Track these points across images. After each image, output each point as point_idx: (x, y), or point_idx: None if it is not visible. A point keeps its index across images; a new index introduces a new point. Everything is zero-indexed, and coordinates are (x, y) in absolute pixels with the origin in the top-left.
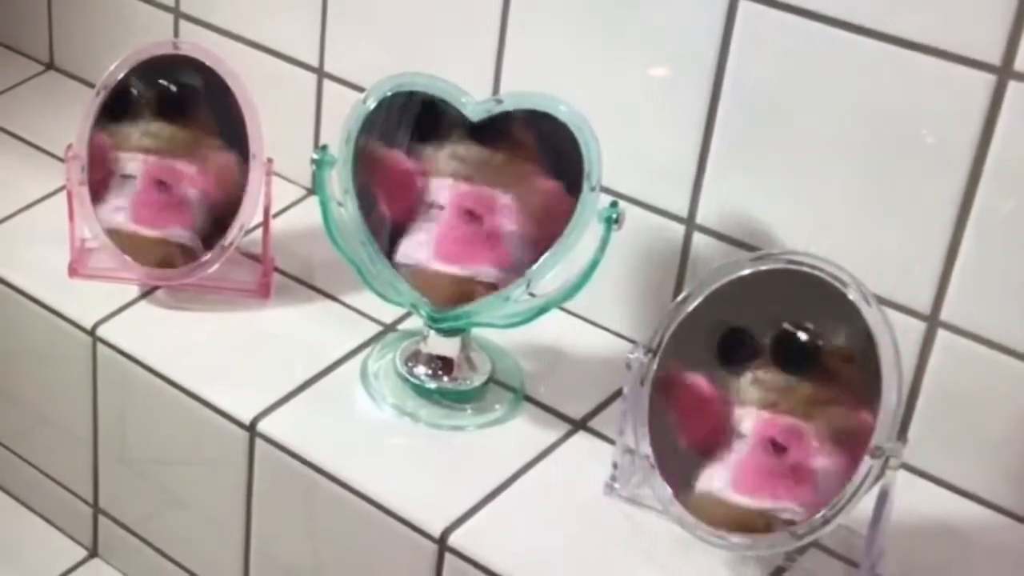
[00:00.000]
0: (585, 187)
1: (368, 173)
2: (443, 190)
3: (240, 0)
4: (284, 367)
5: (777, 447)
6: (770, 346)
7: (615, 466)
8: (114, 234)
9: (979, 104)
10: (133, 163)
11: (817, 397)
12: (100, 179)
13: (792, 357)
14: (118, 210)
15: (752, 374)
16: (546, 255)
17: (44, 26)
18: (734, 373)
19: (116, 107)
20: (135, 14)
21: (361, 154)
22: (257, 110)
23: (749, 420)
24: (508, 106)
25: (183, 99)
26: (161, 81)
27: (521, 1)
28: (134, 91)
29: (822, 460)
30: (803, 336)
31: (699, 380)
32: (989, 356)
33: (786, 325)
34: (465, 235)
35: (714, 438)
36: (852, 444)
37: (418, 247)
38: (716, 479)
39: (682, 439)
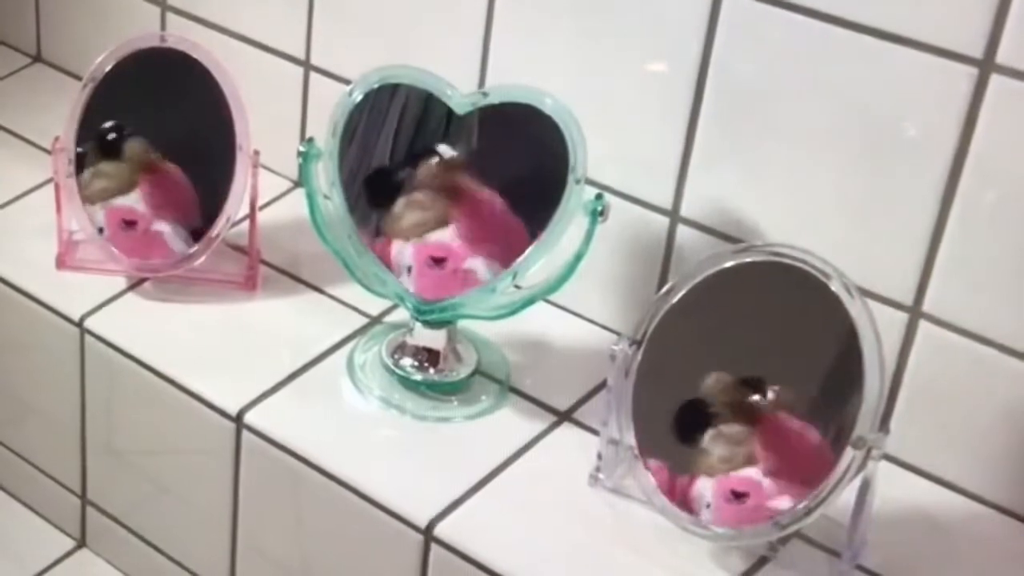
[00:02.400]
0: (570, 179)
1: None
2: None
3: None
4: (271, 359)
5: (738, 495)
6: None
7: (600, 457)
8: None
9: (961, 97)
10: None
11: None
12: None
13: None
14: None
15: (714, 430)
16: (531, 247)
17: (31, 18)
18: (693, 443)
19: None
20: (122, 7)
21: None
22: (244, 103)
23: (708, 487)
24: (493, 99)
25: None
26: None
27: None
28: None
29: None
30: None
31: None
32: (971, 347)
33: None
34: (438, 279)
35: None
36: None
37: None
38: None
39: None
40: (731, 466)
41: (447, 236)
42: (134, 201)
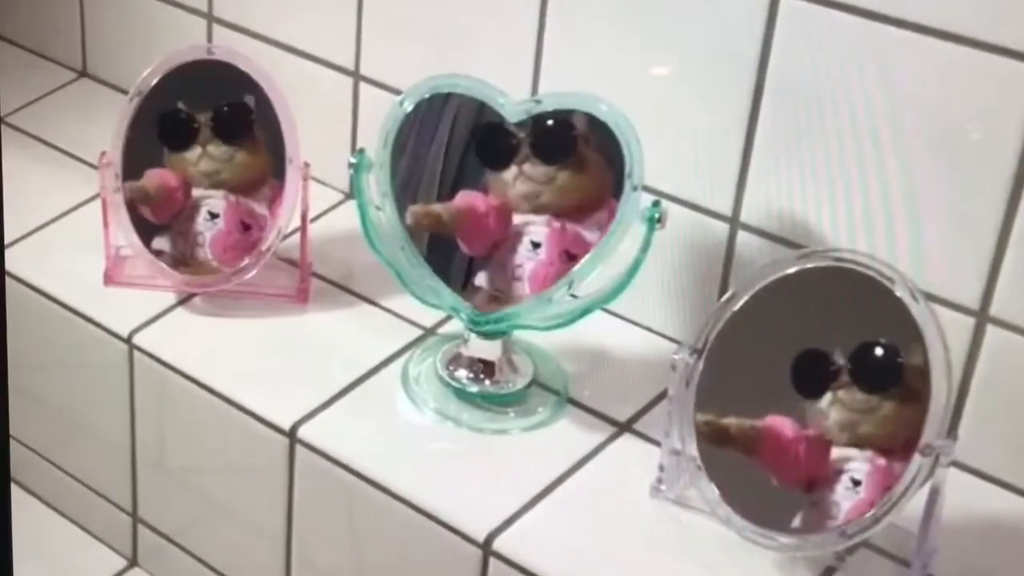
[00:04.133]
0: (627, 186)
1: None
2: (538, 227)
3: (274, 3)
4: (324, 372)
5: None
6: (849, 365)
7: (661, 468)
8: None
9: None
10: (213, 200)
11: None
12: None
13: (873, 375)
14: (197, 246)
15: (832, 395)
16: (588, 256)
17: (77, 33)
18: (812, 399)
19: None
20: (168, 19)
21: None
22: (293, 114)
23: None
24: (547, 106)
25: (238, 118)
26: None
27: (559, 0)
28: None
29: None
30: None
31: (780, 423)
32: None
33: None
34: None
35: (812, 478)
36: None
37: (511, 280)
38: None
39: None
40: (851, 437)
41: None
42: (257, 203)
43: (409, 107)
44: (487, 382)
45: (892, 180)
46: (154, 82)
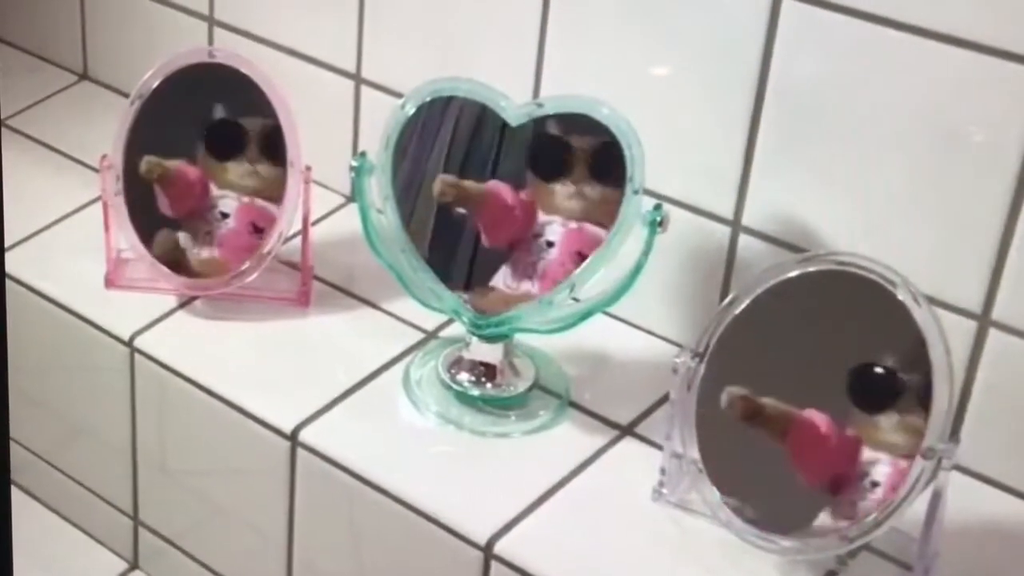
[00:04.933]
0: (628, 190)
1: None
2: (554, 227)
3: (275, 6)
4: (325, 376)
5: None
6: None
7: (663, 471)
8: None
9: None
10: (227, 200)
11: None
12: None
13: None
14: (205, 245)
15: (898, 417)
16: (589, 259)
17: (77, 36)
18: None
19: (219, 143)
20: (169, 22)
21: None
22: (294, 117)
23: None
24: (548, 109)
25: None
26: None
27: (561, 3)
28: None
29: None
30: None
31: (817, 417)
32: None
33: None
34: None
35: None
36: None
37: (522, 280)
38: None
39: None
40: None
41: None
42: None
43: (411, 110)
44: (489, 385)
45: (894, 183)
46: (155, 85)
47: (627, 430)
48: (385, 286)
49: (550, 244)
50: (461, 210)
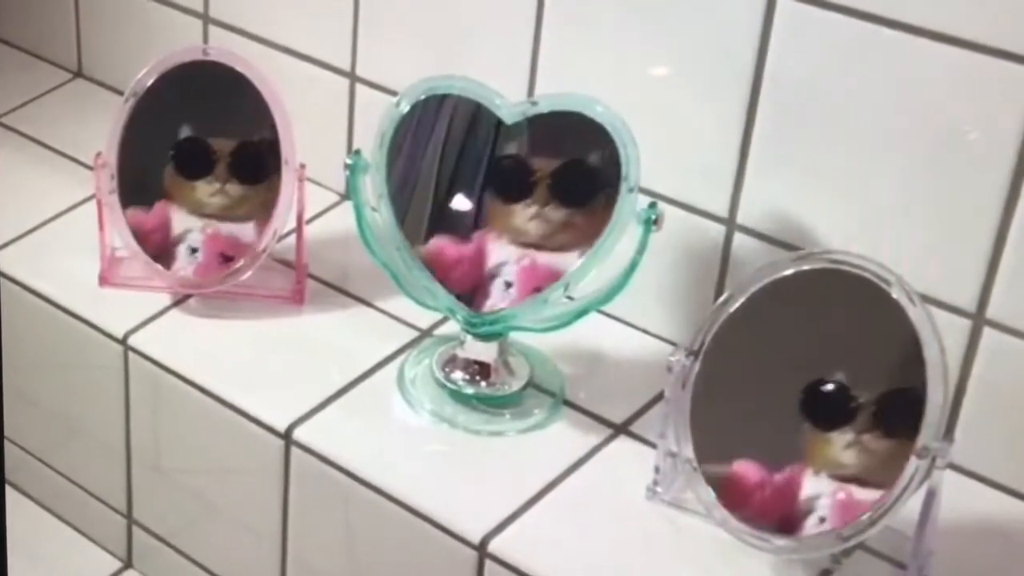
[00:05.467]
0: (623, 188)
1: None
2: (509, 267)
3: (270, 4)
4: (319, 374)
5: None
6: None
7: (657, 470)
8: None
9: (1022, 99)
10: (193, 235)
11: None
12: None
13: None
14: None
15: (853, 435)
16: (584, 257)
17: (72, 34)
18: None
19: (188, 164)
20: (163, 20)
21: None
22: (288, 115)
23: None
24: (543, 107)
25: (256, 155)
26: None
27: (556, 2)
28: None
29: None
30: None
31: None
32: None
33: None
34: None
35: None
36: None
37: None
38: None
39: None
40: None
41: None
42: (245, 232)
43: (405, 108)
44: (483, 384)
45: (889, 182)
46: (149, 83)
47: (621, 429)
48: (379, 284)
49: (509, 285)
50: None
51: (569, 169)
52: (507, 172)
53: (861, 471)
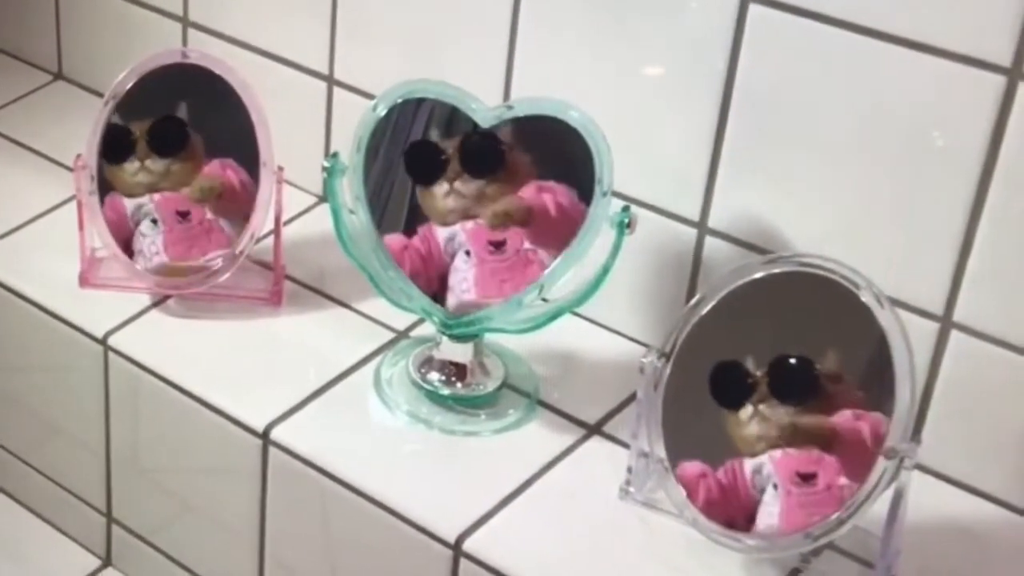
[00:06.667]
0: (596, 192)
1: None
2: (461, 236)
3: (249, 8)
4: (297, 375)
5: (805, 477)
6: (767, 378)
7: (630, 470)
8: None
9: (989, 105)
10: (147, 206)
11: (823, 424)
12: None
13: (791, 387)
14: (155, 255)
15: (752, 408)
16: (558, 260)
17: (52, 36)
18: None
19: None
20: (143, 23)
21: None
22: (267, 118)
23: (766, 464)
24: (519, 112)
25: (171, 131)
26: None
27: (531, 7)
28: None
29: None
30: (796, 363)
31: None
32: (1002, 356)
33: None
34: (500, 267)
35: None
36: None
37: (461, 293)
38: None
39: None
40: (767, 444)
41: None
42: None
43: (382, 112)
44: (459, 385)
45: (858, 186)
46: (129, 86)
47: (595, 429)
48: (356, 286)
49: (468, 253)
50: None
51: (472, 140)
52: (417, 157)
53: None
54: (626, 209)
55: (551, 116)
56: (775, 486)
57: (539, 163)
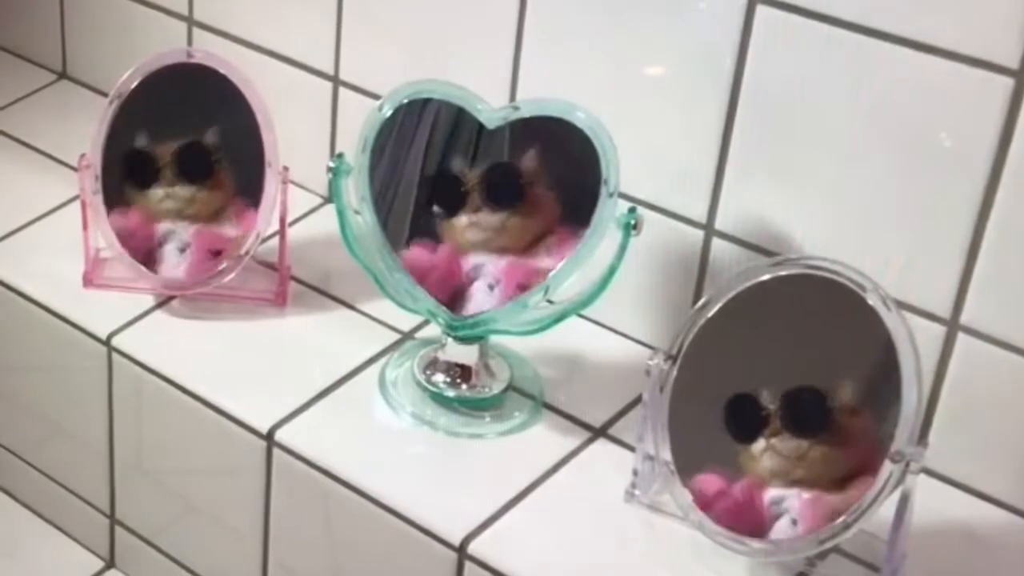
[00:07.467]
0: (603, 193)
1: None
2: (490, 268)
3: (254, 8)
4: (301, 376)
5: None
6: (780, 411)
7: (635, 473)
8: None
9: (997, 108)
10: (179, 233)
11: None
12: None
13: (804, 421)
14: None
15: (765, 442)
16: (564, 262)
17: (56, 35)
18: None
19: (136, 173)
20: (148, 22)
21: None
22: (272, 118)
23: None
24: (525, 113)
25: (203, 157)
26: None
27: (537, 7)
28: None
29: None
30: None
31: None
32: (1009, 359)
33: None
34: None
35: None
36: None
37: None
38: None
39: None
40: (784, 482)
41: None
42: (226, 229)
43: (388, 112)
44: (464, 386)
45: (865, 189)
46: (133, 85)
47: (600, 432)
48: (361, 287)
49: (492, 287)
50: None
51: (494, 173)
52: (440, 187)
53: (804, 476)
54: (632, 210)
55: (557, 117)
56: (794, 521)
57: (545, 164)
